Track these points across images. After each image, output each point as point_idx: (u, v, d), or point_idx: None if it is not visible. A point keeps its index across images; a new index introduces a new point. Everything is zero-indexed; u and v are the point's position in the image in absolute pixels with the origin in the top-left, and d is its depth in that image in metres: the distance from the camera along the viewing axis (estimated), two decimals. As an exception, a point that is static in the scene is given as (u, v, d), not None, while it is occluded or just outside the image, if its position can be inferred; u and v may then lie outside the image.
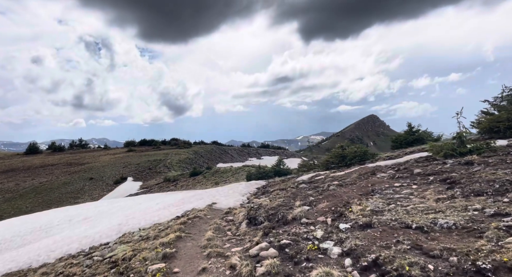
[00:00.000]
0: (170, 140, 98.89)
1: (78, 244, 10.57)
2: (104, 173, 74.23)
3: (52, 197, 65.42)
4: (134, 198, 18.82)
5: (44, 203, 62.71)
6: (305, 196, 8.38)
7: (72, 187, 68.97)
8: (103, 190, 66.41)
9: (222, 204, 11.03)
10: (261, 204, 8.26)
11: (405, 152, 13.16)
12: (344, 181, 8.96)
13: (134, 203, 16.25)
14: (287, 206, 7.69)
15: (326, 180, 9.98)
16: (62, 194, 65.96)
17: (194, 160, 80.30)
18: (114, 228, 11.25)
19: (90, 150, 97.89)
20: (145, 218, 11.54)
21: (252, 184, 15.37)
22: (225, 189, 14.18)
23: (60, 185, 71.33)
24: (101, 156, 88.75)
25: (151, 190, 56.56)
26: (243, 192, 13.07)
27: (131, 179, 69.56)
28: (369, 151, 13.58)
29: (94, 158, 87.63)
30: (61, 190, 68.42)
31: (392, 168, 9.18)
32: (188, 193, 16.75)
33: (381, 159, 12.46)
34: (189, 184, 51.58)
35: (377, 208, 5.73)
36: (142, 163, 76.70)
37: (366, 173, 9.44)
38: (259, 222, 7.33)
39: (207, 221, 9.02)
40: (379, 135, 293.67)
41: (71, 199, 62.94)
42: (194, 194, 14.39)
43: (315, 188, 9.08)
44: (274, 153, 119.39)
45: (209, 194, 13.62)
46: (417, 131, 22.27)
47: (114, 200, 19.20)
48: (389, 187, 7.12)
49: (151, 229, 9.57)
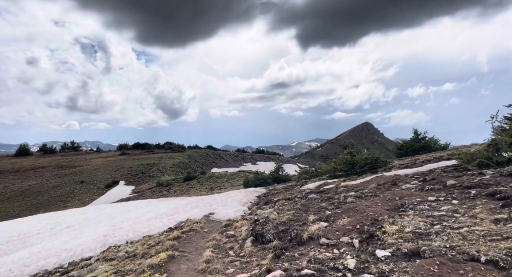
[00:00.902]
0: (164, 144, 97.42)
1: (56, 259, 9.31)
2: (96, 177, 72.50)
3: (41, 201, 63.56)
4: (124, 204, 17.54)
5: (33, 207, 60.86)
6: (318, 209, 7.25)
7: (62, 191, 67.14)
8: (94, 194, 64.72)
9: (221, 215, 9.86)
10: (267, 217, 7.12)
11: (419, 160, 12.13)
12: (362, 192, 7.86)
13: (123, 211, 14.98)
14: (299, 221, 6.56)
15: (339, 190, 8.87)
16: (51, 198, 64.11)
17: (188, 164, 78.86)
18: (98, 240, 10.01)
19: (82, 152, 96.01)
20: (134, 229, 10.32)
21: (252, 192, 14.20)
22: (223, 197, 13.00)
23: (50, 188, 69.43)
24: (93, 159, 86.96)
25: (144, 195, 55.09)
26: (243, 201, 11.91)
27: (123, 183, 67.90)
28: (381, 158, 12.54)
29: (85, 161, 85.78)
30: (51, 193, 66.53)
31: (417, 178, 8.11)
32: (183, 200, 15.53)
33: (395, 167, 11.40)
34: (183, 189, 50.20)
35: (418, 229, 4.63)
36: (135, 166, 75.10)
37: (385, 183, 8.35)
38: (267, 240, 6.18)
39: (204, 236, 7.84)
40: (373, 143, 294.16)
41: (61, 203, 61.16)
42: (189, 202, 13.18)
43: (328, 199, 7.96)
44: (269, 158, 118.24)
45: (205, 203, 12.44)
46: (423, 138, 21.32)
47: (102, 207, 17.95)
48: (422, 201, 6.03)
49: (140, 244, 8.36)
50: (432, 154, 13.57)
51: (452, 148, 20.47)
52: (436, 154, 13.10)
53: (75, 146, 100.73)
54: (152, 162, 76.92)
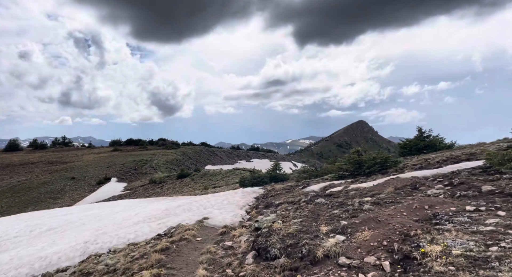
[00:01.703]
0: (158, 140, 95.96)
1: (29, 269, 8.21)
2: (87, 173, 70.98)
3: (30, 197, 62.00)
4: (112, 204, 16.43)
5: (21, 203, 59.29)
6: (330, 217, 6.24)
7: (52, 187, 65.58)
8: (85, 190, 63.30)
9: (216, 220, 8.81)
10: (271, 227, 6.09)
11: (432, 159, 11.17)
12: (379, 197, 6.87)
13: (110, 212, 13.87)
14: (309, 232, 5.54)
15: (351, 194, 7.87)
16: (41, 194, 62.57)
17: (182, 161, 77.61)
18: (78, 247, 8.92)
19: (73, 148, 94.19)
20: (118, 235, 9.24)
21: (249, 193, 13.17)
22: (219, 198, 11.95)
23: (40, 184, 67.83)
24: (85, 155, 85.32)
25: (136, 192, 53.85)
26: (240, 204, 10.87)
27: (115, 180, 66.51)
28: (391, 158, 11.56)
29: (77, 157, 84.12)
30: (40, 189, 64.94)
31: (440, 182, 7.14)
32: (174, 201, 14.46)
33: (408, 168, 10.43)
34: (176, 186, 49.03)
35: (470, 251, 3.63)
36: (128, 163, 73.68)
37: (404, 187, 7.37)
38: (273, 257, 5.16)
39: (197, 247, 6.80)
40: (367, 141, 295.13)
41: (50, 200, 59.70)
42: (181, 204, 12.12)
43: (340, 205, 6.95)
44: (264, 156, 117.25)
45: (199, 205, 11.38)
46: (428, 136, 20.43)
47: (88, 207, 16.82)
48: (458, 211, 5.04)
49: (123, 254, 7.29)
50: (443, 153, 12.63)
51: (459, 147, 19.63)
52: (447, 153, 12.17)
53: (67, 142, 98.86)
54: (145, 158, 75.57)
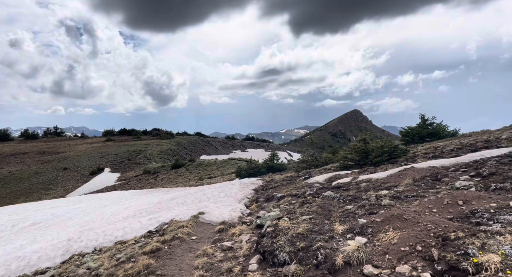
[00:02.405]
0: (152, 130, 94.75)
1: (4, 270, 7.38)
2: (80, 163, 69.78)
3: (21, 188, 60.91)
4: (102, 197, 15.57)
5: (12, 194, 58.23)
6: (344, 214, 5.45)
7: (44, 177, 64.45)
8: (78, 181, 62.29)
9: (213, 215, 8.00)
10: (277, 225, 5.28)
11: (442, 148, 10.42)
12: (397, 190, 6.09)
13: (98, 205, 13.02)
14: (322, 232, 4.75)
15: (362, 186, 7.09)
16: (32, 185, 61.46)
17: (177, 151, 76.64)
18: (61, 246, 8.09)
19: (65, 138, 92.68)
20: (105, 232, 8.41)
21: (248, 184, 12.37)
22: (215, 191, 11.14)
23: (31, 175, 66.63)
24: (77, 145, 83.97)
25: (130, 183, 53.02)
26: (238, 196, 10.07)
27: (108, 170, 65.48)
28: (400, 146, 10.79)
29: (69, 147, 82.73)
30: (32, 180, 63.79)
31: (465, 172, 6.39)
32: (168, 193, 13.63)
33: (420, 157, 9.68)
34: (171, 177, 48.22)
35: (539, 263, 2.86)
36: (121, 153, 72.58)
37: (423, 178, 6.61)
38: (281, 262, 4.36)
39: (192, 247, 5.99)
40: (361, 130, 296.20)
41: (42, 191, 58.70)
42: (175, 197, 11.30)
43: (353, 199, 6.16)
44: (259, 146, 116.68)
45: (194, 198, 10.56)
46: (431, 124, 19.72)
47: (76, 199, 15.95)
48: (501, 208, 4.27)
49: (108, 256, 6.47)
50: (451, 141, 11.89)
51: (463, 135, 18.98)
52: (455, 140, 11.42)
53: (59, 132, 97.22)
54: (138, 148, 74.46)
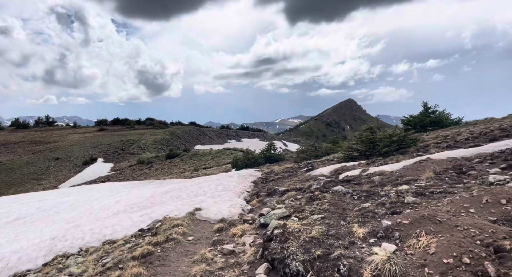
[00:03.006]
0: (145, 120, 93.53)
1: (-20, 274, 6.67)
2: (72, 153, 68.66)
3: (12, 178, 59.87)
4: (92, 189, 14.82)
5: (3, 185, 57.21)
6: (362, 213, 4.78)
7: (35, 168, 63.37)
8: (70, 171, 61.30)
9: (211, 212, 7.32)
10: (285, 226, 4.61)
11: (453, 136, 9.80)
12: (419, 185, 5.43)
13: (88, 199, 12.28)
14: (341, 236, 4.09)
15: (376, 180, 6.44)
16: (24, 175, 60.38)
17: (171, 141, 75.72)
18: (43, 245, 7.38)
19: (57, 128, 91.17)
20: (93, 230, 7.70)
21: (246, 177, 11.70)
22: (212, 184, 10.44)
23: (23, 165, 65.49)
24: (70, 135, 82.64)
25: (123, 173, 52.23)
26: (237, 190, 9.39)
27: (101, 160, 64.48)
28: (409, 135, 10.13)
29: (61, 136, 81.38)
30: (23, 170, 62.67)
31: (493, 164, 5.75)
32: (161, 186, 12.91)
33: (432, 147, 9.04)
34: (165, 167, 47.47)
35: None
36: (114, 143, 71.50)
37: (444, 171, 5.97)
38: (294, 273, 3.69)
39: (188, 251, 5.31)
40: (355, 119, 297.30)
41: (34, 181, 57.72)
42: (169, 190, 10.59)
43: (369, 196, 5.50)
44: (254, 135, 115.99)
45: (189, 192, 9.86)
46: (433, 112, 19.14)
47: (65, 192, 15.19)
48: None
49: (94, 259, 5.78)
50: (459, 129, 11.28)
51: (467, 123, 18.46)
52: (463, 128, 10.79)
53: (50, 121, 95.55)
54: (132, 138, 73.42)
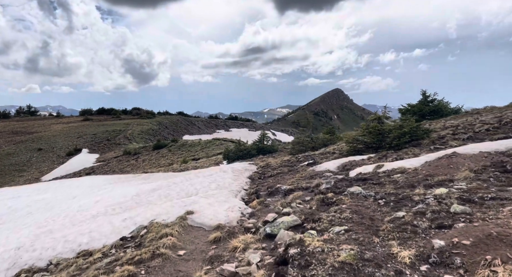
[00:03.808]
0: (132, 110, 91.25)
1: None
2: (56, 144, 66.48)
3: (-8, 170, 57.58)
4: (72, 184, 13.61)
5: (-17, 177, 55.03)
6: (398, 225, 3.82)
7: (17, 159, 61.10)
8: (54, 162, 59.35)
9: (205, 216, 6.30)
10: (303, 244, 3.64)
11: (465, 127, 8.94)
12: (460, 188, 4.51)
13: (65, 196, 11.12)
14: (380, 263, 3.14)
15: (400, 180, 5.49)
16: (5, 167, 58.16)
17: (158, 131, 74.02)
18: (7, 256, 6.27)
19: (40, 118, 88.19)
20: (66, 237, 6.61)
21: (241, 171, 10.68)
22: (205, 180, 9.37)
23: (3, 156, 63.07)
24: (53, 125, 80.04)
25: (109, 164, 50.73)
26: (234, 188, 8.37)
27: (86, 151, 62.58)
28: (421, 126, 9.22)
29: (44, 126, 78.78)
30: (4, 161, 60.38)
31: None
32: (148, 181, 11.81)
33: (450, 139, 8.16)
34: (152, 158, 46.14)
35: None
36: (100, 133, 69.50)
37: (484, 168, 5.06)
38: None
39: (179, 271, 4.29)
40: (342, 109, 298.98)
41: (15, 172, 55.65)
42: (157, 187, 9.51)
43: (399, 201, 4.55)
44: (243, 125, 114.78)
45: (179, 189, 8.80)
46: (432, 100, 18.39)
47: (42, 188, 13.92)
48: None
49: (64, 280, 4.72)
50: (466, 118, 10.45)
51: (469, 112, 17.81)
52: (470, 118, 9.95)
53: (32, 111, 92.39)
54: (118, 128, 71.45)
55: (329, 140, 15.42)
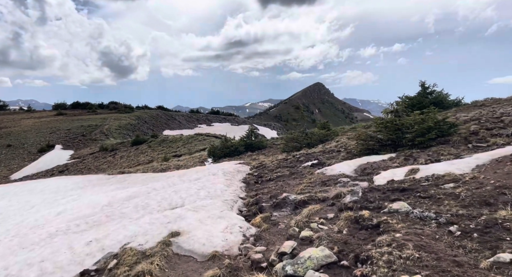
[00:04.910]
0: (109, 104, 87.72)
1: None
2: (26, 140, 62.93)
3: (-44, 169, 53.79)
4: (36, 188, 11.72)
5: None
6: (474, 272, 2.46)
7: (-17, 156, 57.40)
8: (24, 159, 56.08)
9: (196, 239, 4.78)
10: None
11: (481, 118, 7.76)
12: None
13: (23, 206, 9.28)
14: None
15: (463, 194, 4.11)
16: (-30, 165, 54.50)
17: (137, 126, 71.28)
18: None
19: (9, 112, 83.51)
20: (8, 270, 4.93)
21: (233, 174, 9.15)
22: (192, 186, 7.74)
23: (-32, 153, 59.14)
24: (23, 120, 75.96)
25: (84, 161, 48.15)
26: (228, 196, 6.82)
27: (59, 147, 59.45)
28: (448, 119, 7.94)
29: (14, 121, 74.61)
30: (-31, 159, 56.59)
31: None
32: (124, 184, 10.11)
33: (487, 136, 6.91)
34: (131, 155, 43.90)
35: None
36: (74, 128, 66.27)
37: None
38: None
39: None
40: (324, 103, 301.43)
41: (-18, 171, 52.15)
42: (134, 194, 7.87)
43: (483, 231, 3.18)
44: (225, 119, 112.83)
45: (161, 198, 7.19)
46: (431, 92, 17.38)
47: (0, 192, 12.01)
48: None
49: None
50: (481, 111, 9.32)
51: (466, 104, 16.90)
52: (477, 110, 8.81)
53: (1, 105, 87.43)
54: (94, 123, 68.31)
55: (326, 136, 14.11)
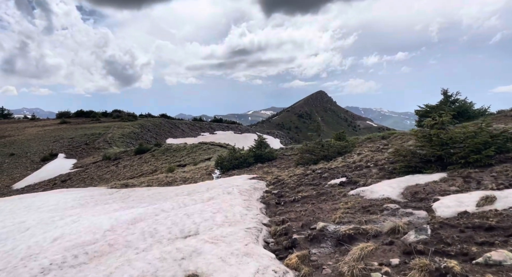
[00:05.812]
0: (112, 112, 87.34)
1: None
2: (30, 149, 62.36)
3: (-42, 177, 53.18)
4: (32, 204, 10.80)
5: None
6: None
7: (-15, 165, 56.84)
8: (27, 168, 55.43)
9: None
10: None
11: None
12: None
13: (15, 228, 8.32)
14: None
15: None
16: (-28, 174, 53.90)
17: (140, 134, 70.58)
18: None
19: (13, 121, 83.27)
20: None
21: (250, 191, 8.15)
22: (206, 207, 6.69)
23: (-29, 162, 58.59)
24: (27, 128, 75.54)
25: (87, 170, 47.34)
26: (249, 222, 5.79)
27: (63, 156, 58.80)
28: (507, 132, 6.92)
29: (17, 130, 74.18)
30: (-29, 168, 56.05)
31: None
32: (127, 204, 9.14)
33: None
34: (134, 164, 43.04)
35: None
36: (77, 137, 65.66)
37: None
38: None
39: None
40: (326, 111, 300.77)
41: (-16, 180, 51.49)
42: (139, 217, 6.89)
43: None
44: (228, 127, 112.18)
45: (171, 223, 6.20)
46: (454, 101, 16.37)
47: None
48: None
49: None
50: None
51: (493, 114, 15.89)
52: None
53: (5, 113, 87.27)
54: (97, 132, 67.72)
55: (344, 148, 13.11)
